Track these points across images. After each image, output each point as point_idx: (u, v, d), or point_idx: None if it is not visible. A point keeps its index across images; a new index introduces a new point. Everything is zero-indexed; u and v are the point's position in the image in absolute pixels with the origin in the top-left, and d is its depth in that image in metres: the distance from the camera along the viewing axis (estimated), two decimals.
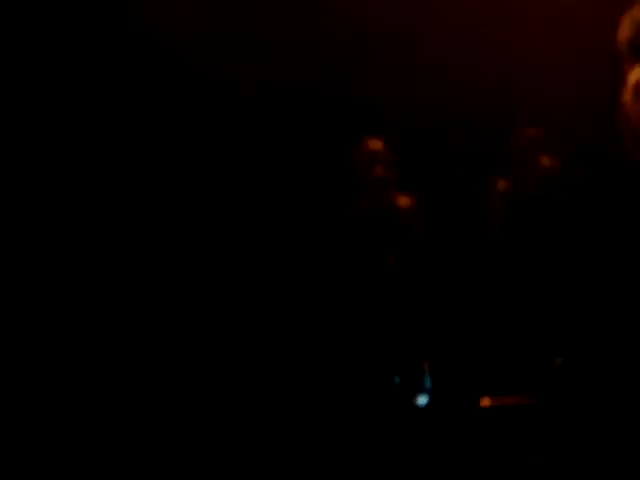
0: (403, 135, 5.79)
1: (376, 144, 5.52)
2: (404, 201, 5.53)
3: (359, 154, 5.52)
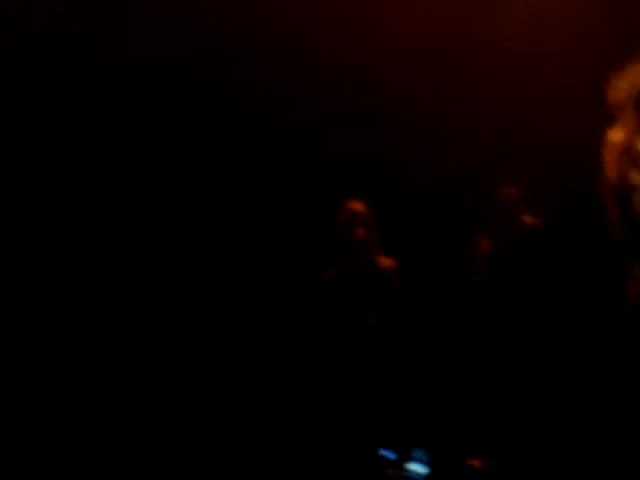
0: (385, 196, 5.78)
1: (357, 206, 5.51)
2: (385, 262, 5.52)
3: (340, 216, 5.51)
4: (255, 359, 5.86)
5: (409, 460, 5.23)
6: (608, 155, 3.90)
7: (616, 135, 3.85)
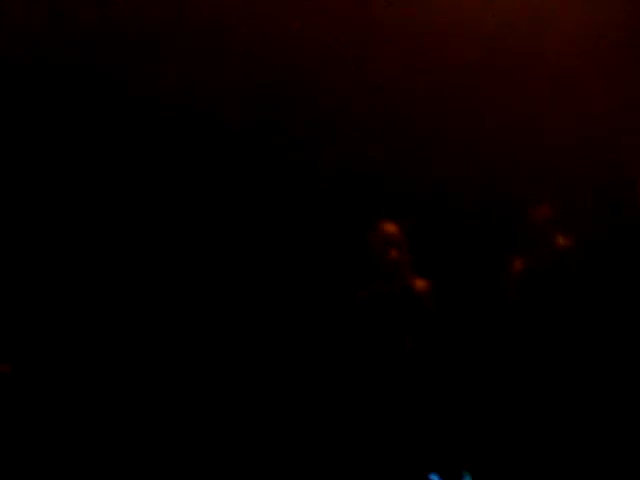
0: (418, 218, 5.79)
1: (391, 227, 5.53)
2: (420, 284, 5.52)
3: (375, 237, 5.53)
4: (293, 381, 5.86)
5: None
6: None
7: None
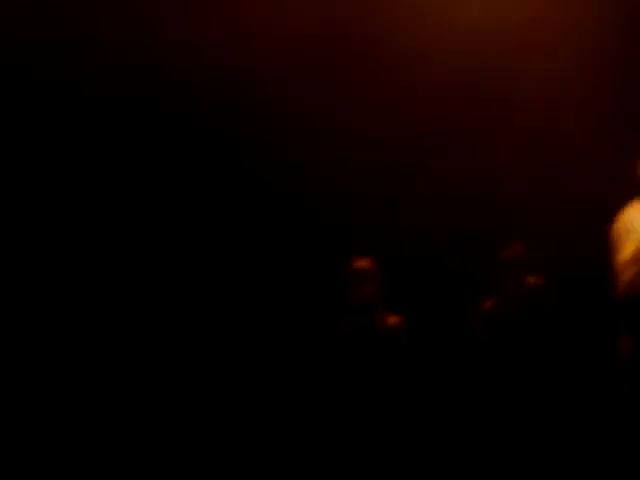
0: (390, 254, 5.82)
1: (364, 263, 5.55)
2: (392, 320, 5.54)
3: (347, 273, 5.54)
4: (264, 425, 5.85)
5: None
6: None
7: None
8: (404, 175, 6.37)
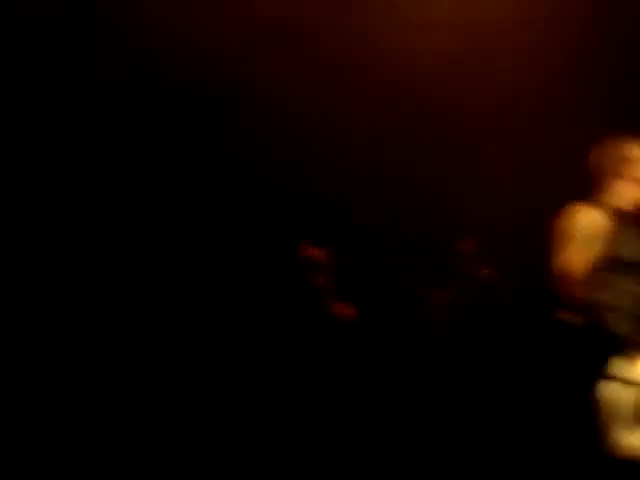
0: (344, 244, 5.84)
1: (317, 252, 5.55)
2: (344, 309, 5.55)
3: (300, 262, 5.55)
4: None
5: None
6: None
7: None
8: (362, 171, 6.39)
